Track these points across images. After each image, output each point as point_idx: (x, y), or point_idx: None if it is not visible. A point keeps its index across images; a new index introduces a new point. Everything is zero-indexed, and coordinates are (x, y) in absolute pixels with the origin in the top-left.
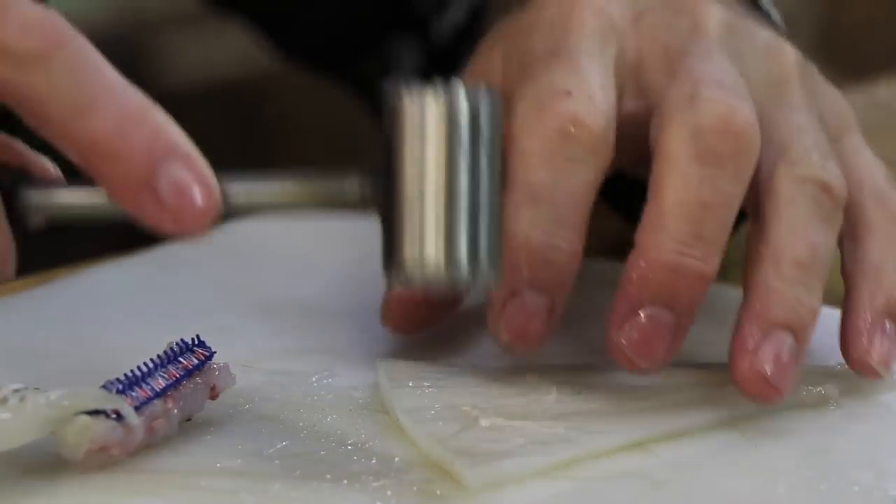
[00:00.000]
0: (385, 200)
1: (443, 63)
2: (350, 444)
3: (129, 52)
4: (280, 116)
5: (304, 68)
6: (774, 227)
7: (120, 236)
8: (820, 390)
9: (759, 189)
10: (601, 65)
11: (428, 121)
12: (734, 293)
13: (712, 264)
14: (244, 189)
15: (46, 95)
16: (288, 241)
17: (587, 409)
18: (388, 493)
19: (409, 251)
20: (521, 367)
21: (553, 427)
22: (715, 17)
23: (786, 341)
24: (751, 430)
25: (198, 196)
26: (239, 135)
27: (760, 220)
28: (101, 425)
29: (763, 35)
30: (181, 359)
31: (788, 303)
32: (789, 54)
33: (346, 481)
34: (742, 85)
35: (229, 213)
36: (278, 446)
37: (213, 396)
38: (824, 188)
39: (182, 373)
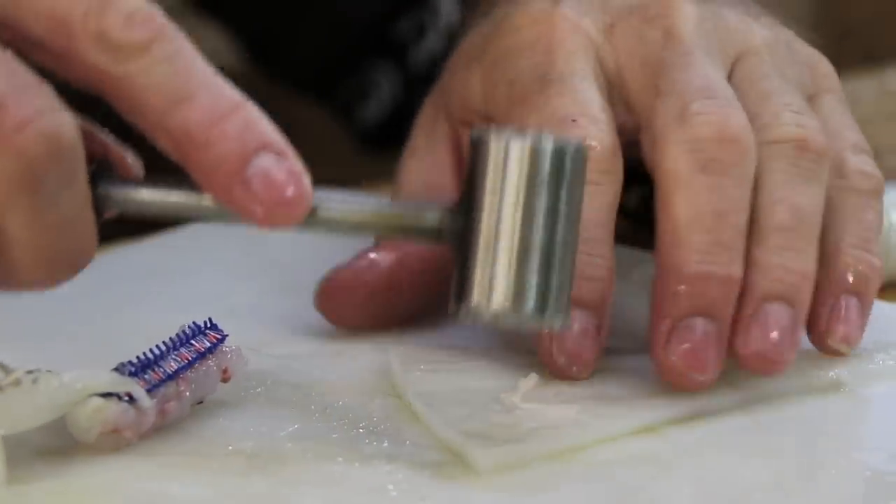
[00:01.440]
0: (461, 237)
1: (420, 90)
2: (362, 427)
3: None
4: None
5: (282, 86)
6: (755, 198)
7: (134, 220)
8: (832, 375)
9: None
10: (593, 85)
11: (511, 161)
12: None
13: (737, 267)
14: (329, 203)
15: (145, 86)
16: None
17: (599, 393)
18: (400, 475)
19: (478, 291)
20: (533, 351)
21: (565, 411)
22: (684, 16)
23: (779, 313)
24: (761, 414)
25: (288, 188)
26: None
27: None
28: (114, 407)
29: (732, 17)
30: (193, 342)
31: (775, 273)
32: (756, 30)
33: (357, 464)
34: (725, 87)
35: (310, 228)
36: (290, 429)
37: (225, 379)
38: (800, 145)
39: (194, 355)
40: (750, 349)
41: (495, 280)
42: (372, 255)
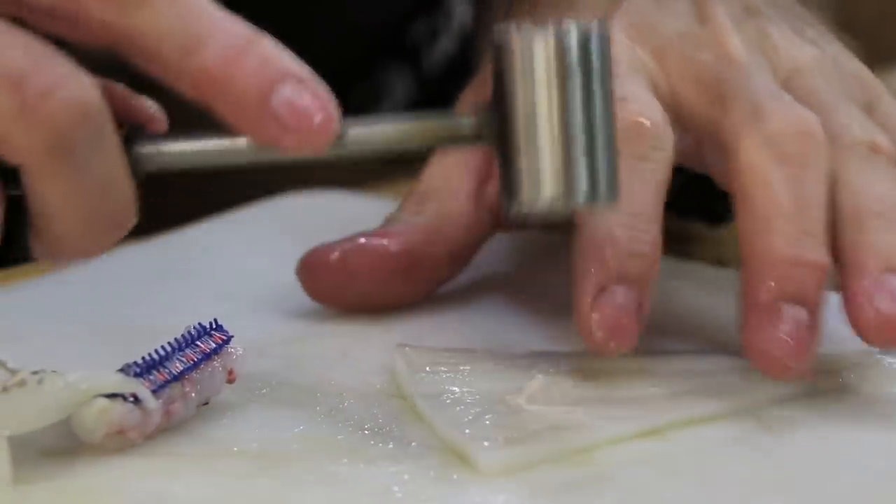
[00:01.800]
0: (500, 135)
1: (434, 92)
2: (367, 429)
3: None
4: None
5: None
6: (837, 195)
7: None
8: (840, 378)
9: None
10: (643, 86)
11: (537, 58)
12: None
13: (825, 256)
14: (361, 129)
15: (154, 34)
16: (304, 223)
17: (605, 395)
18: (406, 477)
19: (528, 183)
20: (538, 353)
21: (570, 413)
22: (733, 41)
23: (894, 282)
24: (768, 418)
25: (316, 114)
26: None
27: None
28: (119, 408)
29: (778, 36)
30: (199, 342)
31: (883, 249)
32: (804, 49)
33: (363, 465)
34: (787, 94)
35: (347, 152)
36: (295, 430)
37: (231, 380)
38: (872, 147)
39: (200, 356)
40: (881, 320)
41: (543, 169)
42: (361, 241)
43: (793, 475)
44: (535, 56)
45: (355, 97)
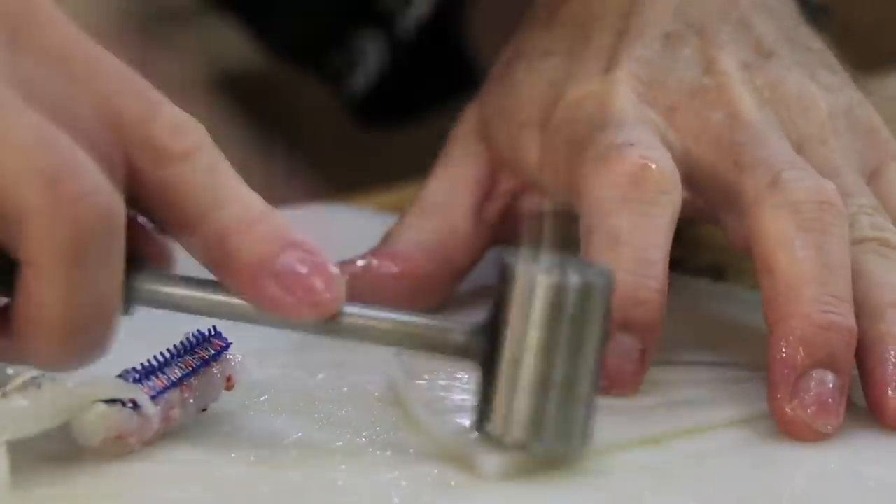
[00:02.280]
0: (486, 358)
1: (407, 58)
2: (364, 436)
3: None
4: (287, 105)
5: (279, 62)
6: (860, 288)
7: None
8: None
9: None
10: (651, 133)
11: (537, 296)
12: (739, 292)
13: (853, 320)
14: (358, 317)
15: (184, 189)
16: (304, 232)
17: (602, 403)
18: (403, 483)
19: (499, 421)
20: None
21: None
22: (745, 100)
23: None
24: (765, 427)
25: (318, 282)
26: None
27: None
28: (118, 414)
29: (792, 84)
30: (198, 349)
31: None
32: (819, 101)
33: (360, 472)
34: (804, 161)
35: (339, 334)
36: (293, 437)
37: (229, 387)
38: (882, 243)
39: (198, 363)
40: None
41: (515, 413)
42: (360, 263)
43: (791, 483)
44: (535, 299)
45: (330, 64)
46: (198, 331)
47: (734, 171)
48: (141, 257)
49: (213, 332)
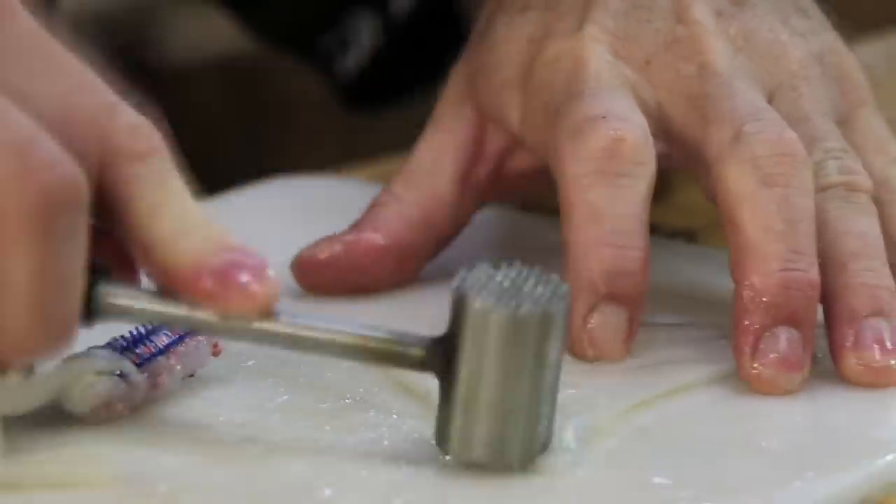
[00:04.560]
0: (445, 373)
1: (400, 39)
2: (349, 398)
3: (131, 31)
4: (281, 92)
5: (270, 47)
6: (819, 237)
7: None
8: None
9: None
10: (625, 95)
11: (491, 329)
12: (713, 253)
13: (816, 272)
14: (312, 324)
15: (134, 192)
16: (291, 207)
17: (588, 366)
18: (385, 442)
19: (458, 440)
20: None
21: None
22: (717, 51)
23: (880, 326)
24: (742, 385)
25: (251, 276)
26: (241, 110)
27: None
28: (105, 382)
29: (764, 32)
30: None
31: (866, 291)
32: (790, 50)
33: (344, 432)
34: (771, 110)
35: (298, 345)
36: (279, 400)
37: (216, 353)
38: (849, 187)
39: (185, 330)
40: (862, 366)
41: (474, 432)
42: (350, 238)
43: (767, 436)
44: (490, 331)
45: (323, 47)
46: None
47: (700, 126)
48: (103, 265)
49: None
